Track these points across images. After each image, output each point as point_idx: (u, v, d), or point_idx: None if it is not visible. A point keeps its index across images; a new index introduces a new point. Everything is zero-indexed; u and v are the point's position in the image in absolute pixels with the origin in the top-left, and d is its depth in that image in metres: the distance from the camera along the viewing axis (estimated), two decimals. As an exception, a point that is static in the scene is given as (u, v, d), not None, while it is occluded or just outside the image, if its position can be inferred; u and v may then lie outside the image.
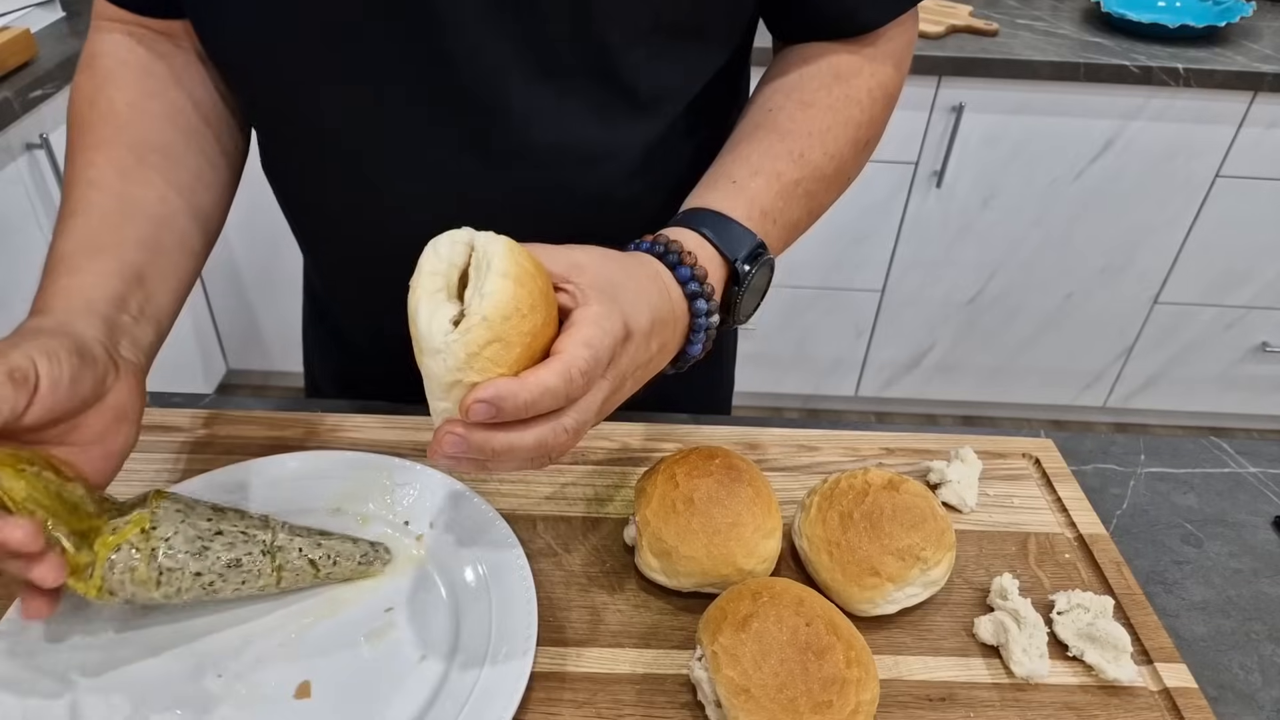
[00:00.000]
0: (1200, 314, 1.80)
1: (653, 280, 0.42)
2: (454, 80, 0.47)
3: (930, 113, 1.56)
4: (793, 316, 1.83)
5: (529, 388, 0.34)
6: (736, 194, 0.47)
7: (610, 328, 0.37)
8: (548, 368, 0.35)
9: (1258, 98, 1.53)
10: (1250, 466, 0.61)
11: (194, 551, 0.42)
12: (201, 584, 0.42)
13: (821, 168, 0.50)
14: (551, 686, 0.43)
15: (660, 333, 0.42)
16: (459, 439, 0.35)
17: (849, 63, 0.52)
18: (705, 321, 0.44)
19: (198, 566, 0.42)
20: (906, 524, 0.46)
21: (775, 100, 0.52)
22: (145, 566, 0.40)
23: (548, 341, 0.36)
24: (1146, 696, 0.44)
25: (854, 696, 0.38)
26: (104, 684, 0.41)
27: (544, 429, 0.36)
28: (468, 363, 0.34)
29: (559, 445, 0.37)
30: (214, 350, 1.90)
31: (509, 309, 0.34)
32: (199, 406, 0.59)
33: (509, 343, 0.34)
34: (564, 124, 0.49)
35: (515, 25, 0.45)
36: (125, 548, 0.40)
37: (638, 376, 0.41)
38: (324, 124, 0.51)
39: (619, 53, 0.47)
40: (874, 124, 0.53)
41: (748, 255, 0.45)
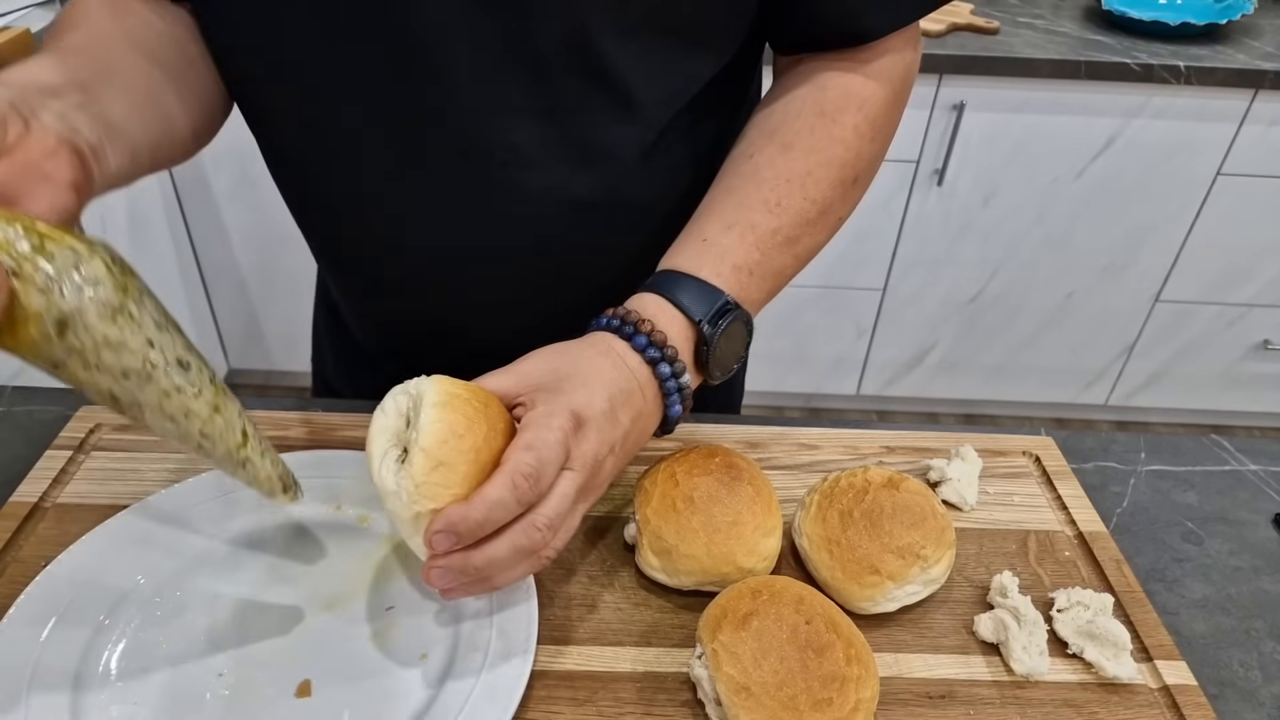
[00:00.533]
0: (1202, 312, 1.80)
1: (604, 357, 0.43)
2: (444, 81, 0.46)
3: (931, 111, 1.56)
4: (794, 316, 1.83)
5: (476, 507, 0.36)
6: (706, 252, 0.48)
7: (555, 423, 0.39)
8: (491, 483, 0.37)
9: (1259, 95, 1.53)
10: (1251, 464, 0.61)
11: (158, 321, 0.35)
12: (144, 359, 0.34)
13: (803, 213, 0.50)
14: (552, 684, 0.43)
15: (628, 405, 0.43)
16: (442, 571, 0.37)
17: (836, 96, 0.51)
18: (676, 384, 0.45)
19: (154, 335, 0.35)
20: (906, 522, 0.46)
21: (755, 146, 0.51)
22: (111, 289, 0.33)
23: (499, 451, 0.38)
24: (1146, 694, 0.44)
25: (854, 694, 0.38)
26: (103, 683, 0.41)
27: (515, 534, 0.38)
28: (418, 492, 0.37)
29: (539, 543, 0.38)
30: (215, 350, 1.91)
31: (444, 434, 0.37)
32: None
33: (451, 465, 0.37)
34: (557, 124, 0.49)
35: (502, 23, 0.45)
36: (94, 259, 0.33)
37: (619, 451, 0.43)
38: (319, 129, 0.51)
39: (606, 53, 0.47)
40: (861, 160, 0.52)
41: (715, 314, 0.46)
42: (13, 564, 0.47)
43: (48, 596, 0.44)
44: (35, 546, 0.48)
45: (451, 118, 0.48)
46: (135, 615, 0.44)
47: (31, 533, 0.49)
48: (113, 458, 0.54)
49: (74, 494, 0.52)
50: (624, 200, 0.53)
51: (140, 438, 0.56)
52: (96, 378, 0.34)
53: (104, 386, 0.34)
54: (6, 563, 0.47)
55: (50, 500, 0.51)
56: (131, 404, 0.36)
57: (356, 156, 0.51)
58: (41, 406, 0.59)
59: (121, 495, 0.51)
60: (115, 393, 0.35)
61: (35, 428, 0.57)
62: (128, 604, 0.45)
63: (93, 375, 0.34)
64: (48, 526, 0.49)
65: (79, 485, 0.52)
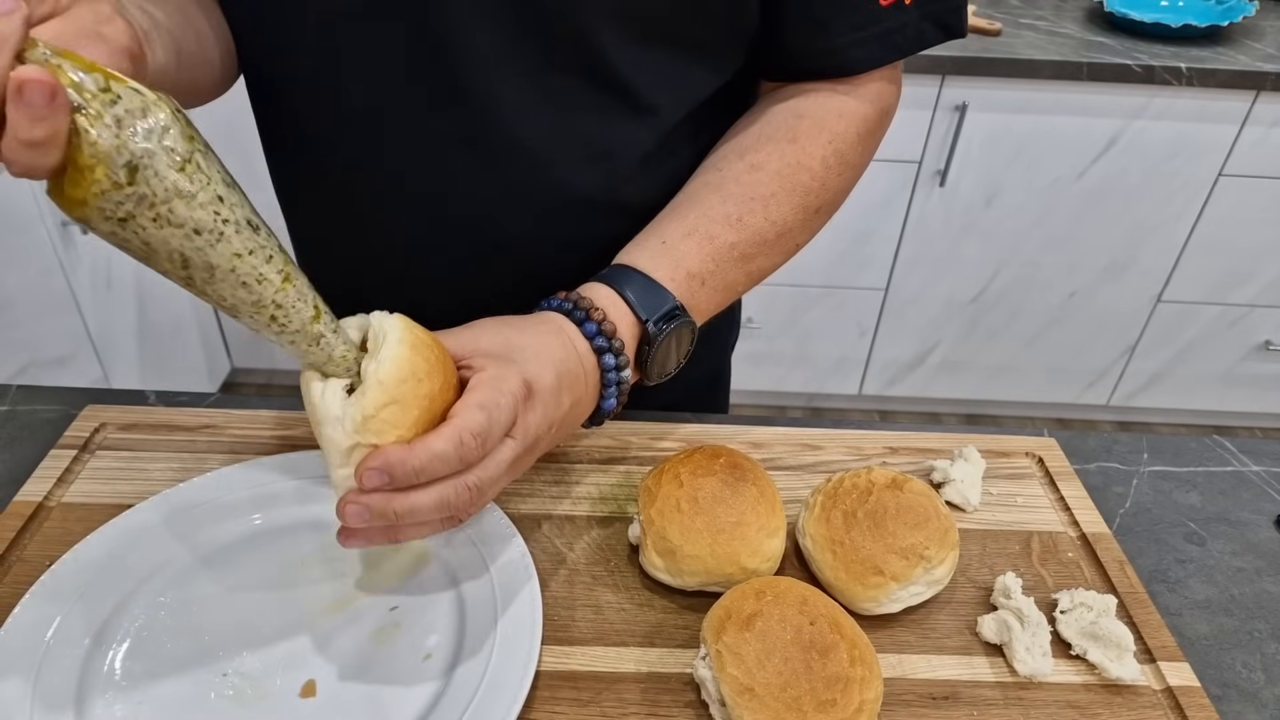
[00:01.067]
0: (1203, 313, 1.80)
1: (555, 335, 0.43)
2: (448, 70, 0.47)
3: (934, 112, 1.56)
4: (796, 315, 1.83)
5: (418, 454, 0.36)
6: (663, 254, 0.48)
7: (508, 388, 0.39)
8: (438, 433, 0.36)
9: (1260, 97, 1.53)
10: (1253, 465, 0.61)
11: (226, 180, 0.33)
12: (215, 214, 0.32)
13: (762, 232, 0.50)
14: (556, 685, 0.43)
15: (571, 387, 0.43)
16: (360, 509, 0.36)
17: (810, 126, 0.51)
18: (616, 376, 0.45)
19: (222, 191, 0.32)
20: (910, 523, 0.46)
21: (725, 161, 0.52)
22: (179, 136, 0.31)
23: (448, 406, 0.38)
24: (1150, 695, 0.44)
25: (858, 695, 0.39)
26: (108, 683, 0.41)
27: (445, 488, 0.37)
28: (364, 425, 0.36)
29: (462, 504, 0.38)
30: (218, 348, 1.91)
31: (405, 372, 0.36)
32: (204, 406, 0.59)
33: (405, 404, 0.36)
34: (559, 121, 0.49)
35: (508, 18, 0.45)
36: (162, 105, 0.31)
37: (553, 432, 0.43)
38: (321, 111, 0.51)
39: (611, 53, 0.47)
40: (826, 190, 0.52)
41: (663, 316, 0.46)
42: (17, 564, 0.47)
43: (52, 596, 0.44)
44: (40, 546, 0.48)
45: (462, 105, 0.48)
46: (140, 615, 0.44)
47: (36, 532, 0.49)
48: (118, 457, 0.54)
49: (79, 493, 0.52)
50: (623, 200, 0.53)
51: (145, 438, 0.56)
52: (166, 234, 0.32)
53: (174, 246, 0.32)
54: (11, 562, 0.47)
55: (55, 500, 0.51)
56: (203, 267, 0.33)
57: (362, 135, 0.51)
58: (46, 406, 0.60)
59: (126, 495, 0.51)
60: (186, 253, 0.32)
61: (40, 427, 0.58)
62: (132, 603, 0.45)
63: (163, 231, 0.31)
64: (52, 526, 0.49)
65: (84, 485, 0.52)
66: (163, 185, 0.31)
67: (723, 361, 0.73)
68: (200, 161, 0.32)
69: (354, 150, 0.52)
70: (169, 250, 0.32)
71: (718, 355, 0.72)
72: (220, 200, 0.32)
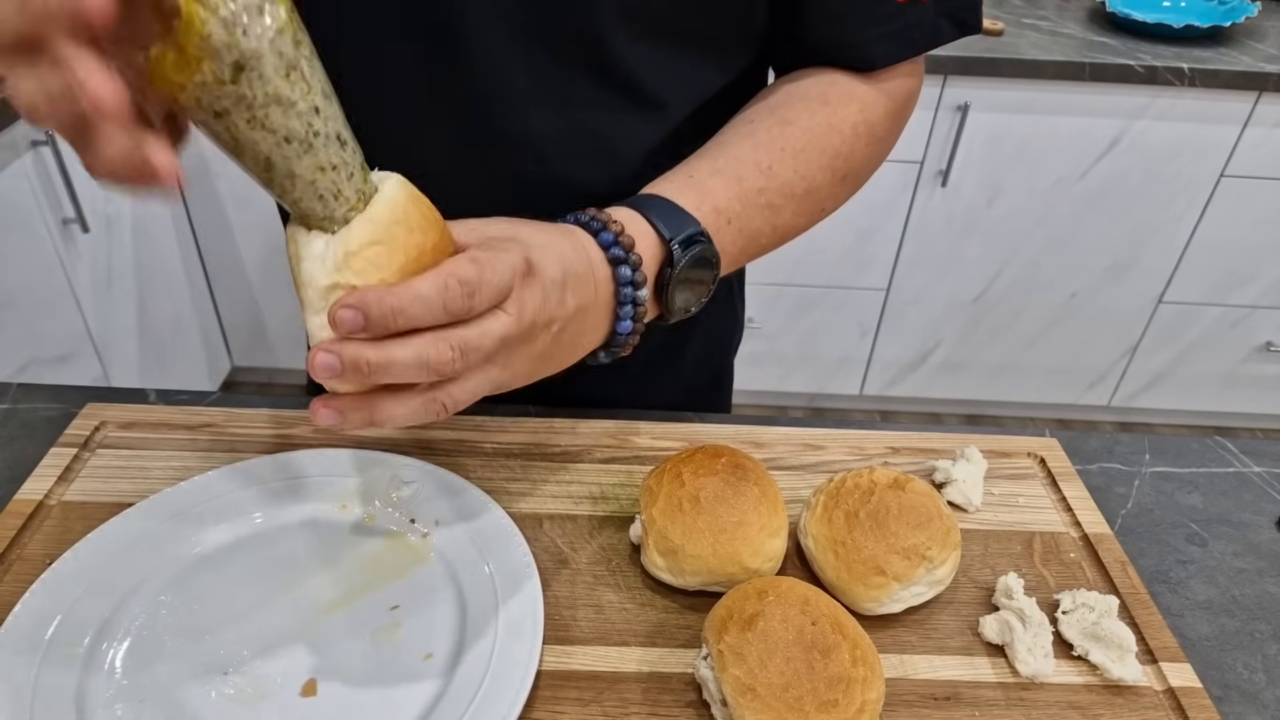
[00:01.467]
0: (1204, 313, 1.80)
1: (566, 235, 0.41)
2: (454, 64, 0.47)
3: (936, 112, 1.56)
4: (798, 315, 1.83)
5: (398, 293, 0.32)
6: (690, 187, 0.47)
7: (506, 256, 0.36)
8: (423, 276, 0.33)
9: (1262, 98, 1.52)
10: (1255, 466, 0.61)
11: (325, 92, 0.32)
12: (308, 126, 0.32)
13: (790, 184, 0.49)
14: (557, 685, 0.43)
15: (577, 289, 0.40)
16: (331, 357, 0.33)
17: (841, 91, 0.51)
18: (631, 293, 0.42)
19: (320, 102, 0.32)
20: (912, 523, 0.46)
21: (757, 115, 0.51)
22: (290, 41, 0.30)
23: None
24: (1151, 696, 0.44)
25: (859, 695, 0.38)
26: (108, 681, 0.41)
27: (425, 343, 0.33)
28: (346, 261, 0.33)
29: (445, 365, 0.34)
30: (219, 346, 1.91)
31: (397, 214, 0.34)
32: (205, 404, 0.59)
33: (392, 248, 0.33)
34: (564, 115, 0.49)
35: (516, 13, 0.45)
36: (278, 3, 0.29)
37: (555, 334, 0.39)
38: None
39: (618, 50, 0.47)
40: (854, 157, 0.52)
41: (686, 238, 0.44)
42: (17, 562, 0.47)
43: (53, 594, 0.44)
44: (40, 544, 0.48)
45: (468, 99, 0.48)
46: (140, 614, 0.44)
47: (37, 530, 0.49)
48: (118, 455, 0.54)
49: (79, 491, 0.52)
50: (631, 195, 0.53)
51: (146, 436, 0.56)
52: (257, 137, 0.31)
53: (262, 150, 0.31)
54: (11, 560, 0.47)
55: (55, 498, 0.51)
56: (285, 174, 0.32)
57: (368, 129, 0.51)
58: (46, 404, 0.60)
59: (127, 493, 0.51)
60: (272, 158, 0.32)
61: (40, 425, 0.58)
62: (133, 602, 0.45)
63: (255, 133, 0.31)
64: (53, 524, 0.49)
65: (84, 483, 0.52)
66: (264, 90, 0.30)
67: (725, 362, 0.73)
68: (305, 68, 0.30)
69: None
70: (255, 152, 0.31)
71: (720, 355, 0.72)
72: (316, 111, 0.31)
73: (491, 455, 0.56)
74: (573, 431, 0.58)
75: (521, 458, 0.56)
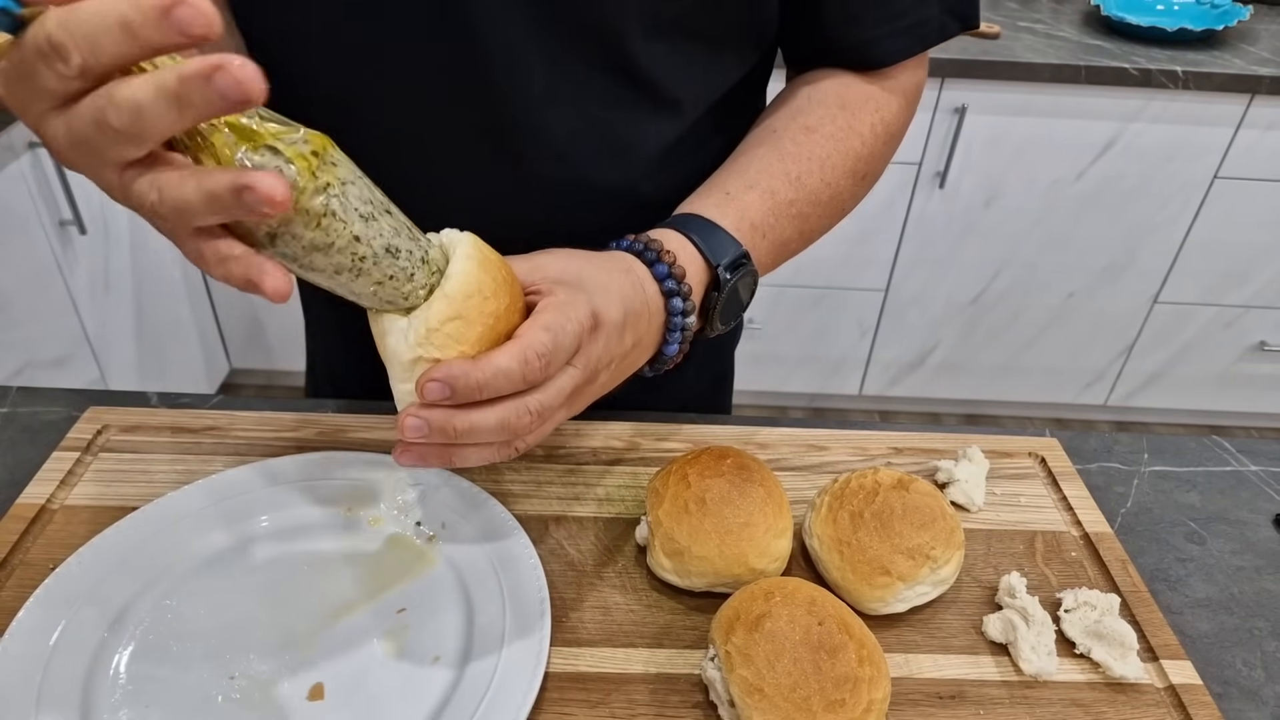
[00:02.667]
0: (1199, 313, 1.81)
1: (625, 274, 0.43)
2: (471, 61, 0.47)
3: (933, 114, 1.56)
4: (797, 316, 1.83)
5: (482, 368, 0.35)
6: (728, 204, 0.48)
7: (575, 315, 0.38)
8: (503, 350, 0.36)
9: (1255, 100, 1.54)
10: (1251, 465, 0.61)
11: (363, 214, 0.33)
12: (352, 256, 0.33)
13: (817, 193, 0.51)
14: (565, 687, 0.43)
15: (634, 326, 0.42)
16: (421, 422, 0.36)
17: (857, 94, 0.53)
18: (681, 321, 0.45)
19: (360, 230, 0.33)
20: (917, 523, 0.46)
21: (780, 123, 0.53)
22: (313, 193, 0.31)
23: (512, 329, 0.37)
24: (1153, 693, 0.44)
25: (866, 695, 0.39)
26: (114, 686, 0.41)
27: (507, 408, 0.36)
28: (428, 338, 0.36)
29: (524, 428, 0.37)
30: (216, 348, 1.90)
31: (471, 288, 0.36)
32: (207, 407, 0.59)
33: (469, 320, 0.36)
34: (583, 114, 0.50)
35: (532, 10, 0.45)
36: (293, 160, 0.31)
37: (613, 369, 0.42)
38: (344, 107, 0.51)
39: (635, 48, 0.48)
40: (874, 158, 0.54)
41: (731, 263, 0.46)
42: (21, 566, 0.47)
43: (57, 599, 0.44)
44: (43, 549, 0.48)
45: (484, 97, 0.48)
46: (145, 618, 0.44)
47: (40, 535, 0.49)
48: (121, 459, 0.54)
49: (82, 495, 0.52)
50: (644, 193, 0.54)
51: (149, 439, 0.56)
52: (311, 275, 0.34)
53: (320, 282, 0.34)
54: (14, 565, 0.47)
55: (58, 502, 0.51)
56: (349, 294, 0.36)
57: (384, 127, 0.51)
58: (47, 407, 0.59)
59: (130, 497, 0.51)
60: (330, 286, 0.35)
61: (41, 429, 0.57)
62: (138, 607, 0.45)
63: (309, 274, 0.34)
64: (56, 529, 0.49)
65: (87, 487, 0.52)
66: (299, 244, 0.32)
67: (727, 361, 0.74)
68: (336, 208, 0.32)
69: (375, 142, 0.52)
70: (314, 282, 0.35)
71: (723, 356, 0.72)
72: (357, 240, 0.33)
73: (495, 457, 0.56)
74: (578, 434, 0.58)
75: (527, 460, 0.56)
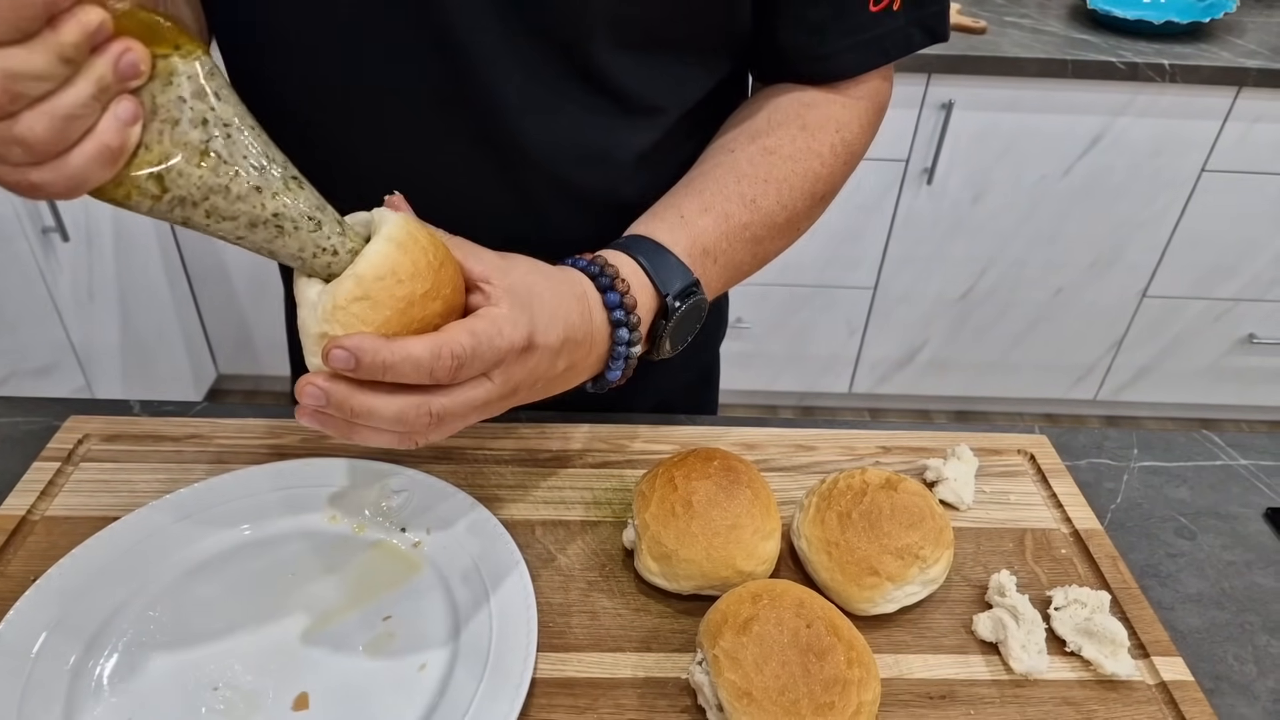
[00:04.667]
0: (1188, 307, 1.82)
1: (577, 300, 0.43)
2: (449, 69, 0.46)
3: (920, 110, 1.56)
4: (786, 314, 1.83)
5: (393, 349, 0.34)
6: (681, 229, 0.48)
7: (510, 333, 0.38)
8: (419, 339, 0.35)
9: (1242, 93, 1.54)
10: (1241, 459, 0.62)
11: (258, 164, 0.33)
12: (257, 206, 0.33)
13: (773, 215, 0.51)
14: (552, 692, 0.43)
15: (571, 353, 0.42)
16: (319, 392, 0.35)
17: (818, 115, 0.53)
18: (626, 350, 0.45)
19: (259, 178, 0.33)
20: (905, 523, 0.46)
21: (738, 142, 0.52)
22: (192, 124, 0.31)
23: (432, 318, 0.37)
24: (1144, 690, 0.44)
25: (856, 697, 0.38)
26: (96, 698, 0.41)
27: (407, 402, 0.36)
28: (333, 314, 0.35)
29: (421, 427, 0.36)
30: (203, 354, 1.89)
31: (383, 270, 0.35)
32: (190, 415, 0.59)
33: (377, 302, 0.35)
34: (560, 123, 0.49)
35: (508, 20, 0.45)
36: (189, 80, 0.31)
37: (538, 388, 0.42)
38: (321, 111, 0.50)
39: (604, 58, 0.48)
40: (833, 178, 0.54)
41: (680, 291, 0.46)
42: (1, 579, 0.46)
43: (38, 611, 0.43)
44: (24, 561, 0.47)
45: (462, 105, 0.48)
46: (128, 629, 0.44)
47: (20, 546, 0.48)
48: (102, 469, 0.54)
49: (63, 506, 0.51)
50: (622, 199, 0.54)
51: (130, 449, 0.55)
52: (221, 230, 0.34)
53: (230, 240, 0.34)
54: (-5, 577, 0.46)
55: (38, 513, 0.50)
56: (268, 254, 0.35)
57: (364, 134, 0.50)
58: (27, 417, 0.59)
59: (112, 507, 0.51)
60: (242, 244, 0.35)
61: (21, 439, 0.57)
62: (120, 617, 0.44)
63: (218, 226, 0.34)
64: (36, 540, 0.49)
65: (68, 498, 0.51)
66: (190, 183, 0.32)
67: (712, 356, 0.74)
68: (220, 148, 0.32)
69: (354, 149, 0.52)
70: (227, 240, 0.34)
71: (707, 351, 0.72)
72: (259, 191, 0.33)
73: (482, 462, 0.56)
74: (564, 437, 0.58)
75: (512, 464, 0.56)
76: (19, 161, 0.28)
